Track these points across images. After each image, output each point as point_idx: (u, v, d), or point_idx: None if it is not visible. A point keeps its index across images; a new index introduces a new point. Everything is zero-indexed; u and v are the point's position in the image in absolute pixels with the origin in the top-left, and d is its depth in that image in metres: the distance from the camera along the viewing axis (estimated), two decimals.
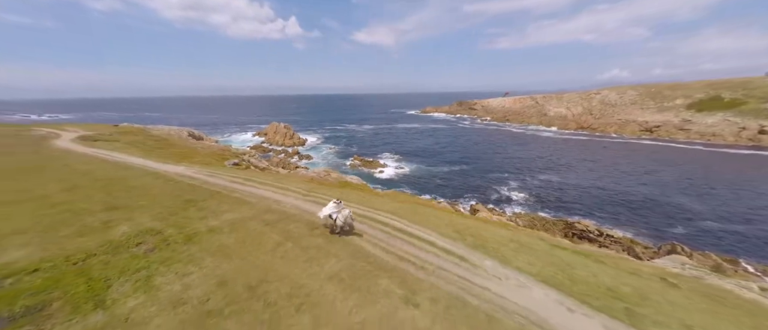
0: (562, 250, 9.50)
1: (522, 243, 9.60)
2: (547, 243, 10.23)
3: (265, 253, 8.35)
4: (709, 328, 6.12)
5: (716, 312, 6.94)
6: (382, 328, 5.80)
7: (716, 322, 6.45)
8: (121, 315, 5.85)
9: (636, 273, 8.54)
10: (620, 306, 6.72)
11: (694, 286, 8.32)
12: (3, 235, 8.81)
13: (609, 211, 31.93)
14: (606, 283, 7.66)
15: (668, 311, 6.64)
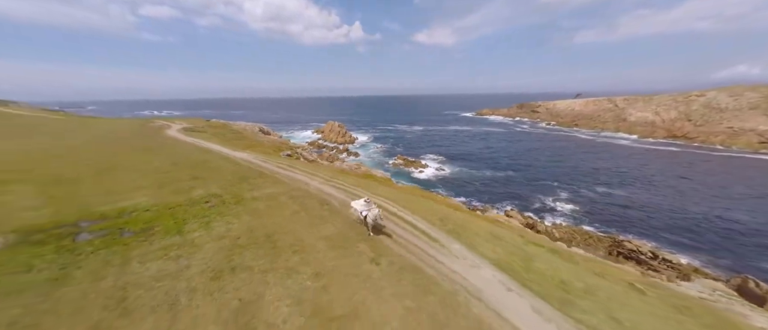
0: (536, 247, 10.03)
1: (496, 235, 10.43)
2: (524, 239, 10.80)
3: (283, 216, 11.20)
4: (635, 322, 6.54)
5: (665, 317, 7.08)
6: (346, 272, 7.89)
7: (649, 319, 6.73)
8: (189, 239, 9.21)
9: (603, 275, 8.75)
10: (560, 295, 7.47)
11: (664, 294, 8.21)
12: (135, 189, 13.61)
13: (687, 236, 27.25)
14: (561, 277, 8.28)
15: (604, 305, 7.12)
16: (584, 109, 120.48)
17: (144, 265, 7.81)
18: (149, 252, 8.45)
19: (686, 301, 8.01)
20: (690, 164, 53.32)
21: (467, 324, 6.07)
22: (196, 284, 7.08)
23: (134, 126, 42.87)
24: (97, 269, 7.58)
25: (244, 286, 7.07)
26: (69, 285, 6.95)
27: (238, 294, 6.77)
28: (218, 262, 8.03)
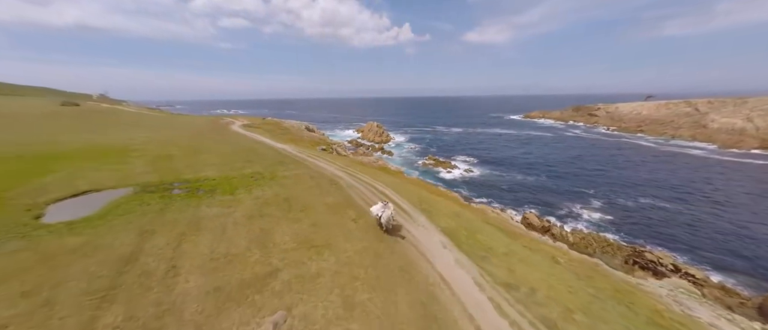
0: (487, 225, 12.07)
1: (457, 213, 12.68)
2: (480, 220, 12.86)
3: (301, 189, 15.05)
4: (524, 272, 8.61)
5: (552, 273, 8.90)
6: (332, 224, 11.23)
7: (535, 272, 8.67)
8: (237, 198, 13.55)
9: (533, 249, 10.58)
10: (481, 254, 9.75)
11: (576, 266, 9.80)
12: (207, 165, 18.94)
13: (739, 258, 24.70)
14: (491, 245, 10.45)
15: (510, 263, 9.19)
16: (654, 113, 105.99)
17: (209, 209, 12.19)
18: (213, 202, 12.90)
19: (592, 272, 9.53)
20: None
21: (397, 259, 8.92)
22: (237, 220, 11.12)
23: (208, 122, 52.60)
24: (183, 208, 12.17)
25: (265, 224, 10.89)
26: (167, 214, 11.54)
27: (261, 227, 10.60)
28: (252, 211, 12.06)
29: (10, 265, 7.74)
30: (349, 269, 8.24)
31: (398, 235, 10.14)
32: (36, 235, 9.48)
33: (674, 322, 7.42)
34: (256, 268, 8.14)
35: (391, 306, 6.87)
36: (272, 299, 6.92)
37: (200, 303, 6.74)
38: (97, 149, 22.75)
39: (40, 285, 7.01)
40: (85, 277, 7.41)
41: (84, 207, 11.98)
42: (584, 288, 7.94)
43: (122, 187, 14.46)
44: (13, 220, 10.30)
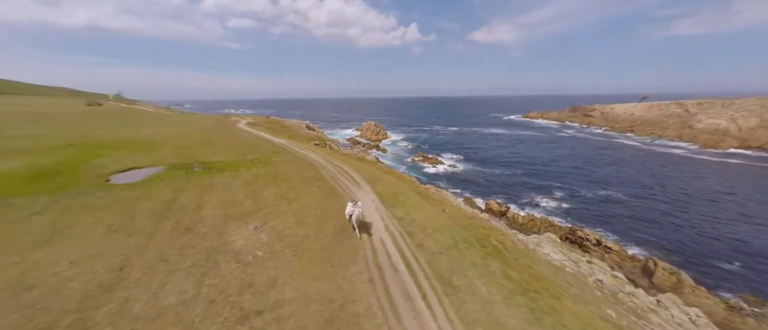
0: (411, 192, 16.93)
1: (393, 184, 17.58)
2: (409, 189, 17.73)
3: (286, 169, 20.17)
4: (415, 214, 13.47)
5: (436, 216, 13.73)
6: (303, 189, 16.25)
7: (421, 213, 13.52)
8: (240, 173, 18.75)
9: (431, 204, 15.43)
10: (393, 204, 14.61)
11: (456, 215, 14.62)
12: (218, 153, 24.27)
13: (663, 237, 28.77)
14: (404, 201, 15.26)
15: (408, 209, 14.07)
16: (645, 114, 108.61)
17: (220, 178, 17.36)
18: (222, 175, 18.08)
19: (463, 217, 14.34)
20: (738, 175, 48.48)
21: (338, 206, 13.82)
22: (238, 184, 16.27)
23: (218, 120, 58.43)
24: (202, 178, 17.37)
25: (256, 187, 16.01)
26: (191, 181, 16.73)
27: (253, 189, 15.71)
28: (248, 180, 17.20)
29: (102, 203, 13.01)
30: (305, 209, 13.25)
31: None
32: (110, 190, 14.81)
33: (498, 242, 12.20)
34: (248, 207, 13.22)
35: (324, 224, 11.85)
36: (256, 220, 11.97)
37: (215, 220, 11.83)
38: (130, 141, 28.33)
39: (123, 211, 12.23)
40: (148, 208, 12.61)
41: (134, 177, 17.33)
42: (446, 221, 12.75)
43: (156, 166, 19.80)
44: (93, 183, 15.66)
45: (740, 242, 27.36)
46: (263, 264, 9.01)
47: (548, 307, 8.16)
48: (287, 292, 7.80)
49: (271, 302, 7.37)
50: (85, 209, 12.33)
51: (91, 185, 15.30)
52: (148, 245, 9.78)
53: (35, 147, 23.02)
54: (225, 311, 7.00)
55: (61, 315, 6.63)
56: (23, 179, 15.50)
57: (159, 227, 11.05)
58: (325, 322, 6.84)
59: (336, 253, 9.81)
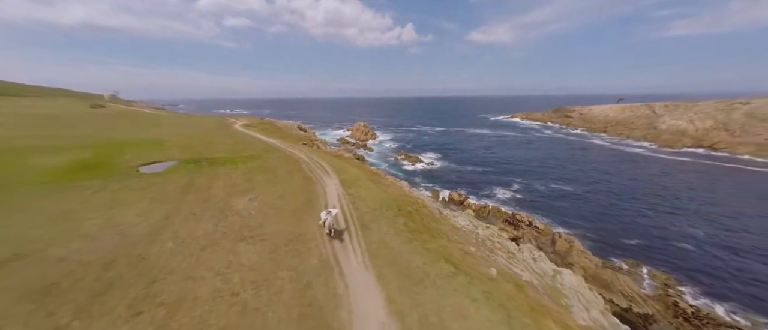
0: (368, 180, 22.59)
1: (355, 174, 23.24)
2: (366, 178, 23.38)
3: (275, 163, 25.67)
4: (361, 192, 19.13)
5: (369, 187, 19.40)
6: (285, 177, 21.79)
7: (368, 192, 19.18)
8: (238, 166, 24.24)
9: (379, 188, 21.09)
10: (350, 185, 20.28)
11: (395, 196, 20.33)
12: (219, 150, 29.69)
13: (589, 221, 34.72)
14: (359, 185, 20.94)
15: (360, 190, 19.74)
16: (618, 116, 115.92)
17: (222, 170, 22.79)
18: (224, 167, 23.50)
19: (399, 192, 20.03)
20: (679, 171, 55.07)
21: (312, 187, 19.48)
22: (237, 174, 21.74)
23: (216, 122, 63.44)
24: (208, 169, 22.79)
25: (251, 176, 21.51)
26: (201, 171, 22.13)
27: (248, 177, 21.20)
28: (245, 171, 22.67)
29: (140, 185, 18.42)
30: (285, 190, 18.79)
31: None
32: (142, 177, 20.19)
33: (414, 210, 17.86)
34: (244, 188, 18.72)
35: (297, 199, 17.39)
36: (250, 195, 17.49)
37: (222, 195, 17.32)
38: (142, 141, 33.52)
39: (156, 190, 17.64)
40: (174, 188, 18.05)
41: (156, 168, 22.69)
42: (383, 197, 18.40)
43: (170, 161, 25.15)
44: (128, 172, 21.02)
45: (648, 225, 33.56)
46: (254, 217, 14.57)
47: (424, 240, 13.84)
48: (268, 228, 13.39)
49: (258, 232, 12.95)
50: (129, 189, 17.74)
51: (127, 174, 20.67)
52: (180, 208, 15.27)
53: (68, 146, 28.15)
54: (232, 235, 12.56)
55: (141, 237, 12.12)
56: (75, 170, 20.79)
57: (184, 199, 16.53)
58: (288, 241, 12.43)
59: (301, 213, 15.40)
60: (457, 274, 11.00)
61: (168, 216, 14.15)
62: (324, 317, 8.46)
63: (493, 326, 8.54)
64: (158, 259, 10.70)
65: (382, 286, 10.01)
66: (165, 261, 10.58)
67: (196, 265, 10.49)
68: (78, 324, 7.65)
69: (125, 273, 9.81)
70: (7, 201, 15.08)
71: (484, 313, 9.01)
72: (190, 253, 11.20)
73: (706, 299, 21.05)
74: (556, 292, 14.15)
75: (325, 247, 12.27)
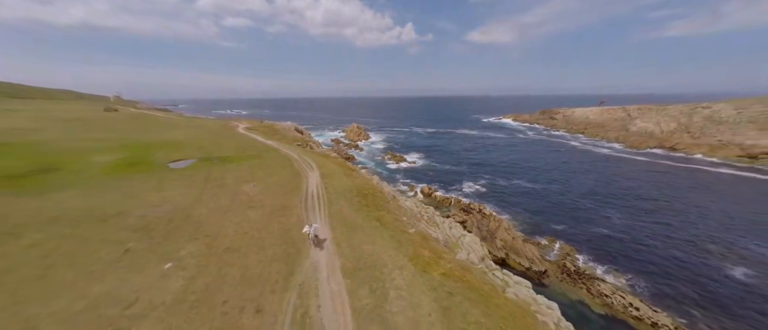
0: (342, 174, 29.68)
1: (332, 168, 30.35)
2: (340, 173, 30.52)
3: (272, 161, 32.83)
4: (334, 181, 26.28)
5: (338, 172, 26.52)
6: (278, 171, 28.93)
7: (338, 181, 26.30)
8: (243, 163, 31.45)
9: (347, 177, 28.25)
10: (328, 176, 27.46)
11: (359, 184, 27.51)
12: (227, 149, 36.88)
13: (543, 212, 41.68)
14: (334, 176, 28.08)
15: (334, 179, 26.88)
16: (597, 118, 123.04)
17: (231, 165, 29.91)
18: (232, 164, 30.62)
19: (365, 184, 27.17)
20: (633, 169, 62.13)
21: (298, 179, 26.69)
22: (243, 169, 28.89)
23: (221, 125, 70.56)
24: (221, 165, 29.92)
25: (254, 171, 28.66)
26: (215, 167, 29.25)
27: (252, 172, 28.34)
28: (249, 167, 29.81)
29: (173, 176, 25.60)
30: (279, 180, 25.90)
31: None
32: (173, 171, 27.34)
33: (370, 194, 24.99)
34: (248, 178, 25.84)
35: (287, 186, 24.50)
36: (253, 182, 24.62)
37: (233, 183, 24.43)
38: (163, 143, 40.64)
39: (186, 179, 24.79)
40: (197, 178, 25.20)
41: (181, 165, 29.82)
42: (349, 184, 25.46)
43: (191, 158, 32.28)
44: (162, 167, 28.19)
45: (581, 213, 40.63)
46: (256, 196, 21.67)
47: (368, 211, 20.91)
48: (265, 202, 20.51)
49: (259, 204, 20.08)
50: (167, 179, 24.87)
51: (162, 168, 27.82)
52: (205, 191, 22.38)
53: (109, 147, 35.29)
54: (242, 206, 19.71)
55: (185, 206, 19.24)
56: (125, 165, 27.94)
57: (206, 185, 23.67)
58: (278, 209, 19.55)
59: (288, 194, 22.51)
60: (381, 228, 18.11)
61: (198, 195, 21.29)
62: (295, 243, 15.57)
63: (387, 246, 15.64)
64: (199, 217, 17.85)
65: (331, 230, 17.15)
66: (204, 218, 17.73)
67: (222, 220, 17.63)
68: (165, 241, 14.79)
69: (181, 223, 16.96)
70: (94, 186, 22.27)
71: (386, 243, 16.11)
72: (218, 214, 18.35)
73: (592, 263, 28.15)
74: (455, 246, 21.19)
75: (302, 212, 19.40)
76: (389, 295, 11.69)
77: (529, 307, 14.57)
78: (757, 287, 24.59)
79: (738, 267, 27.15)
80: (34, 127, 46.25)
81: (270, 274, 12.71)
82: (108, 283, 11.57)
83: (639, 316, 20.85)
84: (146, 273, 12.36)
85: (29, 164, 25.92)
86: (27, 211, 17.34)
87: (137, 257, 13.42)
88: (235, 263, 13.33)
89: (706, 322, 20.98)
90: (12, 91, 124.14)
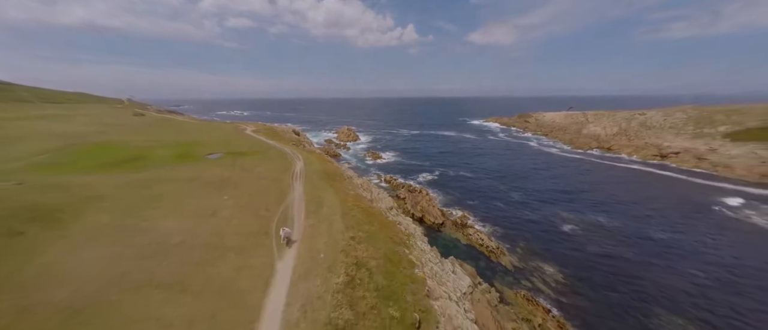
0: (319, 163, 45.34)
1: (312, 160, 45.98)
2: (317, 162, 46.28)
3: (272, 155, 48.74)
4: (312, 165, 42.18)
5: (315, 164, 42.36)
6: (274, 160, 44.81)
7: (315, 166, 42.16)
8: (253, 156, 47.41)
9: (321, 164, 44.02)
10: (309, 163, 43.34)
11: (327, 169, 43.34)
12: (243, 146, 52.92)
13: (472, 197, 57.40)
14: (313, 163, 43.95)
15: (313, 163, 42.80)
16: (561, 121, 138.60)
17: (247, 157, 45.78)
18: (247, 156, 46.49)
19: (332, 169, 42.94)
20: (564, 167, 77.65)
21: (287, 164, 42.72)
22: (254, 159, 44.77)
23: (233, 128, 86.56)
24: (241, 157, 45.80)
25: (262, 161, 44.57)
26: (237, 158, 45.12)
27: (260, 161, 44.23)
28: (258, 158, 45.70)
29: (212, 164, 41.64)
30: (276, 166, 41.73)
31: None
32: (211, 161, 43.31)
33: (335, 174, 40.79)
34: (257, 164, 41.76)
35: (282, 170, 40.40)
36: (260, 167, 40.51)
37: (250, 166, 40.31)
38: (196, 142, 56.54)
39: (220, 166, 40.72)
40: (226, 164, 41.14)
41: (214, 157, 45.77)
42: (321, 168, 41.14)
43: (219, 152, 48.18)
44: (203, 158, 44.23)
45: (495, 194, 56.28)
46: (263, 173, 37.53)
47: (330, 182, 36.69)
48: (269, 175, 36.41)
49: (265, 177, 35.98)
50: (210, 166, 40.77)
51: (203, 159, 43.73)
52: (234, 170, 38.28)
53: (160, 145, 51.12)
54: (256, 178, 35.63)
55: (227, 177, 35.16)
56: (180, 156, 43.83)
57: (234, 167, 39.60)
58: (276, 179, 35.42)
59: (282, 173, 38.33)
60: (331, 188, 33.90)
61: (231, 172, 37.15)
62: (283, 191, 31.39)
63: (332, 195, 31.39)
64: (234, 181, 33.77)
65: (304, 188, 33.01)
66: (237, 181, 33.67)
67: (246, 182, 33.52)
68: (220, 190, 30.70)
69: (226, 183, 32.88)
70: (173, 166, 38.24)
71: (331, 194, 31.85)
72: (244, 180, 34.26)
73: (474, 220, 43.80)
74: (375, 200, 36.87)
75: (290, 182, 35.21)
76: (323, 208, 27.46)
77: (401, 227, 30.30)
78: (574, 234, 40.16)
79: (568, 225, 42.82)
80: (97, 130, 62.22)
81: (271, 202, 28.51)
82: (199, 202, 27.34)
83: (482, 243, 36.54)
84: (215, 200, 28.11)
85: (125, 155, 41.86)
86: (148, 177, 33.21)
87: (210, 194, 29.22)
88: (256, 197, 29.14)
89: (525, 251, 36.68)
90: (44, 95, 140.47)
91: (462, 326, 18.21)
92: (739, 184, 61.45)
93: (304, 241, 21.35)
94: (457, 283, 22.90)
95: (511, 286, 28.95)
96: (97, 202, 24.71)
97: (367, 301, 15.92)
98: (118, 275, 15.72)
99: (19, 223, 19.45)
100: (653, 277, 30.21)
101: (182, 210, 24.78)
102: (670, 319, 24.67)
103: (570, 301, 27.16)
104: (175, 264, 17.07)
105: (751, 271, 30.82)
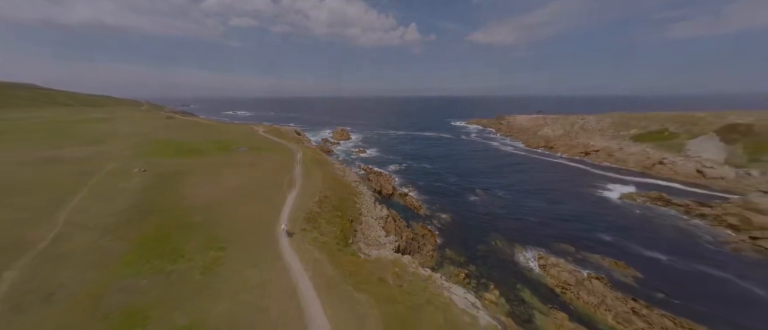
0: (312, 160, 67.41)
1: (307, 153, 68.02)
2: (311, 159, 68.49)
3: (279, 149, 70.99)
4: (308, 158, 64.48)
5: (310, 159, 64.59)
6: (276, 153, 67.10)
7: (309, 157, 64.36)
8: (265, 151, 69.83)
9: (317, 164, 66.25)
10: (308, 161, 65.63)
11: (316, 159, 65.64)
12: (256, 142, 75.44)
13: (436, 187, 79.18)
14: (307, 161, 66.25)
15: (306, 153, 65.03)
16: (526, 124, 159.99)
17: (263, 151, 68.05)
18: (263, 150, 68.75)
19: (321, 158, 65.16)
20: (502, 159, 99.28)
21: (287, 157, 65.18)
22: (268, 152, 67.07)
23: (247, 129, 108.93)
24: (260, 151, 68.07)
25: (271, 153, 66.91)
26: (258, 151, 67.38)
27: (271, 154, 66.52)
28: (268, 152, 67.97)
29: (240, 155, 64.12)
30: (281, 157, 64.02)
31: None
32: (240, 152, 65.77)
33: (323, 162, 63.00)
34: (270, 155, 64.08)
35: (284, 161, 62.75)
36: (272, 157, 62.82)
37: (267, 155, 62.63)
38: (225, 140, 78.89)
39: (248, 156, 63.09)
40: (253, 155, 63.52)
41: (242, 150, 68.19)
42: (315, 157, 63.20)
43: (244, 146, 70.58)
44: (235, 150, 66.72)
45: (446, 181, 78.29)
46: (275, 162, 59.78)
47: (319, 166, 58.87)
48: (278, 164, 58.71)
49: (277, 163, 58.26)
50: (240, 155, 63.14)
51: (236, 151, 66.12)
52: (257, 158, 60.64)
53: (201, 142, 73.43)
54: (273, 162, 57.95)
55: (253, 161, 57.49)
56: (220, 149, 66.22)
57: (257, 157, 61.97)
58: (283, 166, 57.66)
59: (289, 159, 60.55)
60: (320, 170, 56.09)
61: (255, 158, 59.46)
62: (289, 169, 53.62)
63: (318, 173, 53.57)
64: (260, 163, 56.09)
65: (302, 168, 55.27)
66: (260, 164, 56.00)
67: (267, 164, 55.81)
68: (251, 167, 53.02)
69: (253, 164, 55.20)
70: (220, 155, 60.70)
71: (318, 172, 53.99)
72: (265, 164, 56.58)
73: (416, 192, 65.75)
74: (347, 177, 58.81)
75: (293, 169, 57.48)
76: (311, 177, 49.64)
77: (358, 189, 52.48)
78: (475, 201, 62.04)
79: (475, 196, 64.80)
80: (151, 131, 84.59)
81: (282, 174, 50.67)
82: (244, 171, 49.54)
83: (412, 204, 58.54)
84: (251, 171, 50.24)
85: (189, 148, 64.11)
86: (211, 160, 55.48)
87: (247, 169, 51.45)
88: (273, 172, 51.35)
89: (437, 208, 58.69)
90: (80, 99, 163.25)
91: (372, 226, 40.36)
92: (627, 174, 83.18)
93: (300, 189, 43.55)
94: (378, 213, 44.98)
95: (417, 222, 51.07)
96: (195, 170, 47.12)
97: (327, 208, 38.15)
98: (219, 197, 37.93)
99: (173, 174, 41.85)
100: (506, 223, 52.15)
101: (237, 175, 47.24)
102: (495, 238, 46.60)
103: (446, 228, 49.22)
104: (241, 194, 39.29)
105: (579, 223, 52.78)
